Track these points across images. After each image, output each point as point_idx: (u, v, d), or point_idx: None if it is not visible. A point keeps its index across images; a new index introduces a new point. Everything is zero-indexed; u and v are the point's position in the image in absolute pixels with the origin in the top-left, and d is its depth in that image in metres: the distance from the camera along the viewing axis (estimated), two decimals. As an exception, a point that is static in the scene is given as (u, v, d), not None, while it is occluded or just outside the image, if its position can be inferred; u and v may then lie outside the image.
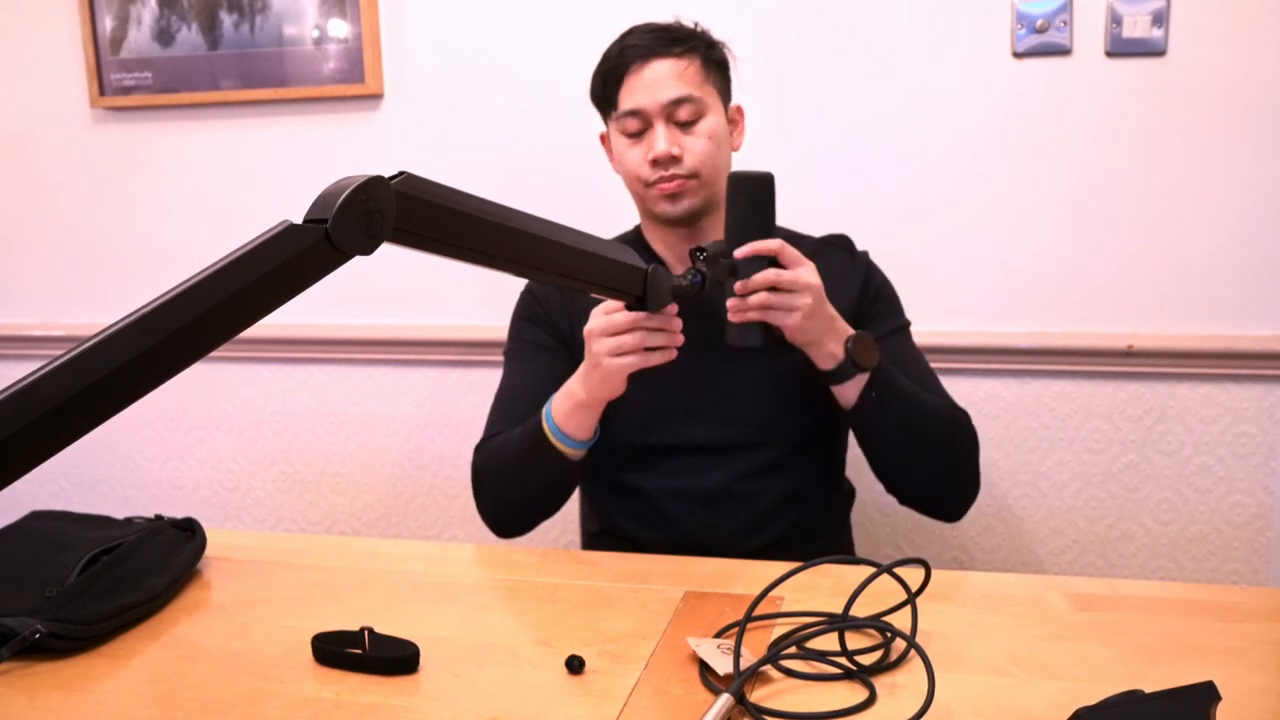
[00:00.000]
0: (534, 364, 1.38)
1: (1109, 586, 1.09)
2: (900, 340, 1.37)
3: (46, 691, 0.91)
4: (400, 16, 1.84)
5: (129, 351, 0.58)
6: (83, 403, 0.56)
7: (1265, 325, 1.63)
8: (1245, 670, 0.89)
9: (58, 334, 2.08)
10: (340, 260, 0.68)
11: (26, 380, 0.55)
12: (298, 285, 0.66)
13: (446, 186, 0.77)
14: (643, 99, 1.29)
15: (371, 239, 0.69)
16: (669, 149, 1.27)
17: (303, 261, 0.66)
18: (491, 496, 1.33)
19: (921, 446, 1.27)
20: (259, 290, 0.64)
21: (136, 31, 1.92)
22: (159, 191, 2.00)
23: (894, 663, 0.90)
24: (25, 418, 0.54)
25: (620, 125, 1.32)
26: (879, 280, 1.40)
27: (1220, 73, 1.58)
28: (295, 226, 0.66)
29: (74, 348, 0.57)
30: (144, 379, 0.59)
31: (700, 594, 1.07)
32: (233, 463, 2.06)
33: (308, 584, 1.14)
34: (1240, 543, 1.69)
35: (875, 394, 1.22)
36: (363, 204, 0.68)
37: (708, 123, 1.30)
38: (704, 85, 1.30)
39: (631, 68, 1.29)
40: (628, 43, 1.32)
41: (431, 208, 0.75)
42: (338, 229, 0.66)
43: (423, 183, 0.75)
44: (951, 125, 1.68)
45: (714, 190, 1.31)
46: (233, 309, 0.63)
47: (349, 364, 1.97)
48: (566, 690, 0.88)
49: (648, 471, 1.34)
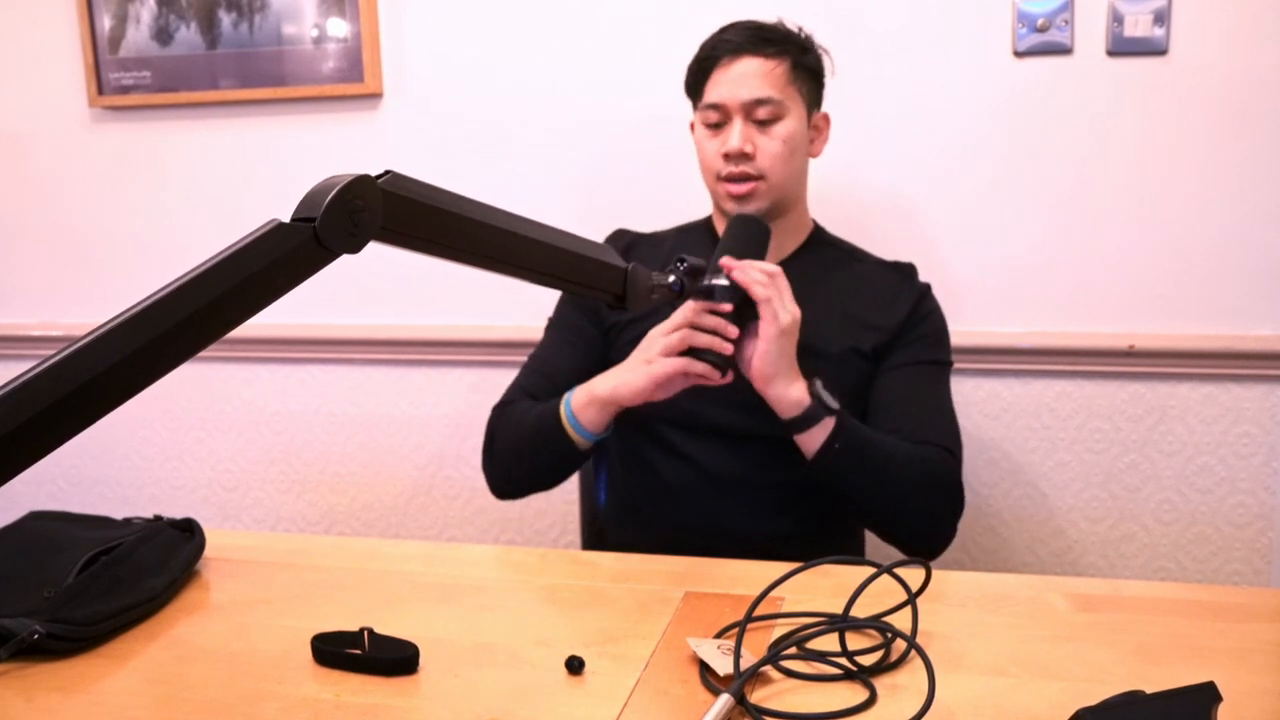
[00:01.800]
0: (571, 346, 1.42)
1: (1110, 587, 1.09)
2: (925, 372, 1.35)
3: (45, 692, 0.91)
4: (399, 16, 1.84)
5: (120, 351, 0.58)
6: (74, 402, 0.56)
7: (1266, 325, 1.63)
8: (1246, 671, 0.88)
9: (56, 334, 2.08)
10: (328, 258, 0.68)
11: (18, 380, 0.55)
12: (287, 283, 0.66)
13: (432, 186, 0.77)
14: (725, 93, 1.31)
15: (358, 237, 0.70)
16: (742, 145, 1.29)
17: (291, 260, 0.66)
18: (501, 462, 1.37)
19: (888, 495, 1.25)
20: (248, 288, 0.64)
21: (135, 30, 1.92)
22: (157, 191, 2.00)
23: (894, 663, 0.90)
24: (18, 418, 0.54)
25: (703, 116, 1.35)
26: (930, 310, 1.39)
27: (1221, 72, 1.58)
28: (283, 225, 0.66)
29: (65, 348, 0.57)
30: (135, 378, 0.59)
31: (700, 594, 1.06)
32: (232, 463, 2.06)
33: (307, 584, 1.13)
34: (1241, 543, 1.69)
35: (838, 445, 1.20)
36: (350, 203, 0.68)
37: (785, 126, 1.31)
38: (788, 88, 1.31)
39: (721, 61, 1.32)
40: (723, 36, 1.34)
41: (417, 206, 0.76)
42: (325, 227, 0.67)
43: (409, 182, 0.75)
44: (952, 124, 1.67)
45: (783, 195, 1.33)
46: (223, 307, 0.63)
47: (349, 364, 1.97)
48: (566, 690, 0.88)
49: (667, 451, 1.35)
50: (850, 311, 1.35)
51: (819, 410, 1.19)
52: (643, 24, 1.75)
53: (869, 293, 1.37)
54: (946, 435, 1.31)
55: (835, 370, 1.29)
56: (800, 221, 1.41)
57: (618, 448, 1.41)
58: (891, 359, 1.34)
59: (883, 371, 1.34)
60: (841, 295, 1.36)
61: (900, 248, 1.58)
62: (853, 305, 1.36)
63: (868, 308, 1.36)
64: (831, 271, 1.39)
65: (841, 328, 1.34)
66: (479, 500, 1.96)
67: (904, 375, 1.34)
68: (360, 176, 0.70)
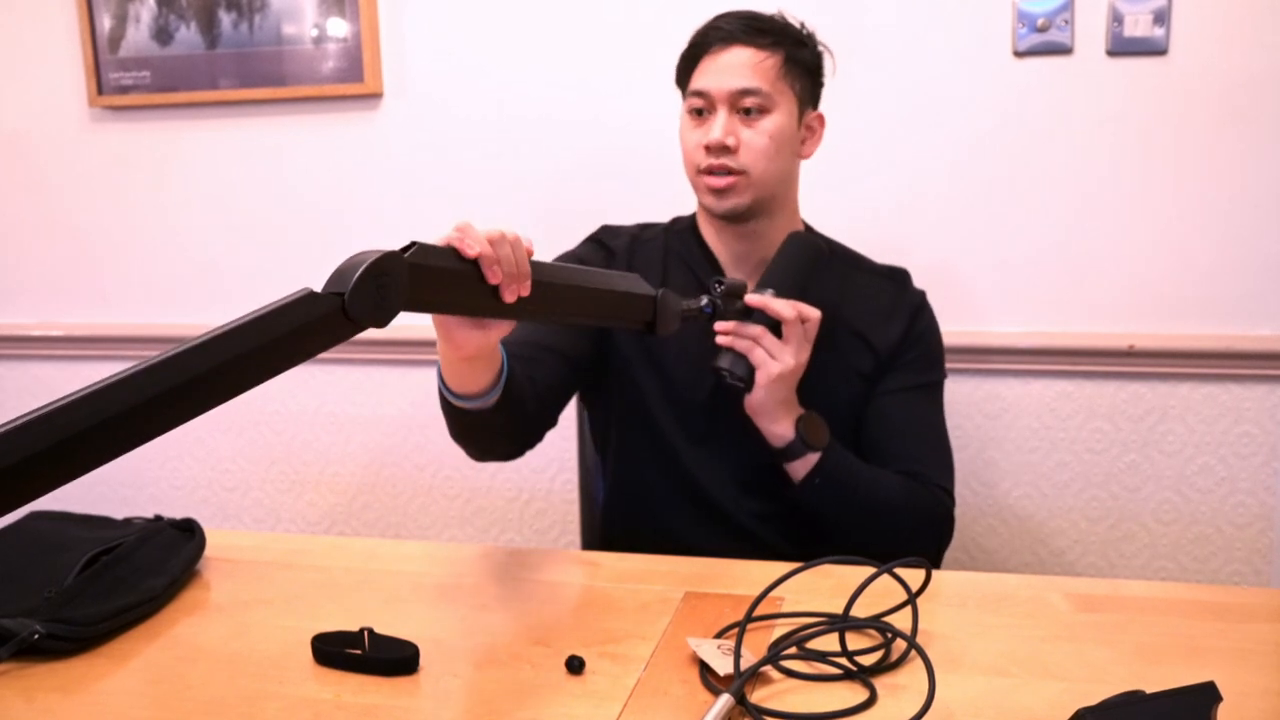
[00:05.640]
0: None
1: (1110, 587, 1.09)
2: (919, 397, 1.34)
3: (45, 692, 0.91)
4: (399, 16, 1.84)
5: (138, 396, 0.59)
6: (84, 442, 0.57)
7: (1266, 325, 1.63)
8: (1246, 671, 0.88)
9: (56, 334, 2.08)
10: (354, 331, 0.72)
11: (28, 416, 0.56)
12: (310, 351, 0.69)
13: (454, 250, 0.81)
14: (711, 82, 1.26)
15: (386, 310, 0.74)
16: (724, 137, 1.24)
17: (318, 329, 0.69)
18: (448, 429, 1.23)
19: (872, 529, 1.25)
20: (272, 351, 0.66)
21: (135, 30, 1.92)
22: (157, 191, 2.00)
23: (894, 663, 0.90)
24: (37, 446, 0.55)
25: (688, 104, 1.30)
26: (924, 327, 1.36)
27: (1221, 72, 1.58)
28: (314, 294, 0.69)
29: (85, 389, 0.58)
30: (149, 425, 0.60)
31: (700, 594, 1.06)
32: (232, 463, 2.06)
33: (307, 584, 1.13)
34: (1242, 543, 1.69)
35: (819, 480, 1.22)
36: (377, 278, 0.72)
37: (772, 121, 1.25)
38: (778, 82, 1.26)
39: (711, 49, 1.27)
40: (716, 24, 1.29)
41: (444, 274, 0.80)
42: (354, 302, 0.70)
43: (434, 251, 0.79)
44: (952, 124, 1.67)
45: (766, 193, 1.27)
46: (245, 366, 0.65)
47: (349, 364, 1.97)
48: (566, 690, 0.88)
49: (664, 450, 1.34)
50: (847, 323, 1.32)
51: (799, 447, 1.22)
52: (643, 24, 1.75)
53: (862, 303, 1.34)
54: (940, 468, 1.31)
55: (830, 382, 1.29)
56: (789, 224, 1.34)
57: (615, 450, 1.39)
58: (885, 383, 1.33)
59: (877, 395, 1.33)
60: (839, 305, 1.32)
61: (899, 248, 1.58)
62: (849, 316, 1.33)
63: (865, 321, 1.33)
64: (827, 280, 1.33)
65: (838, 340, 1.31)
66: (479, 500, 1.96)
67: (898, 402, 1.32)
68: (388, 253, 0.74)
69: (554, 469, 1.92)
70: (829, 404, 1.27)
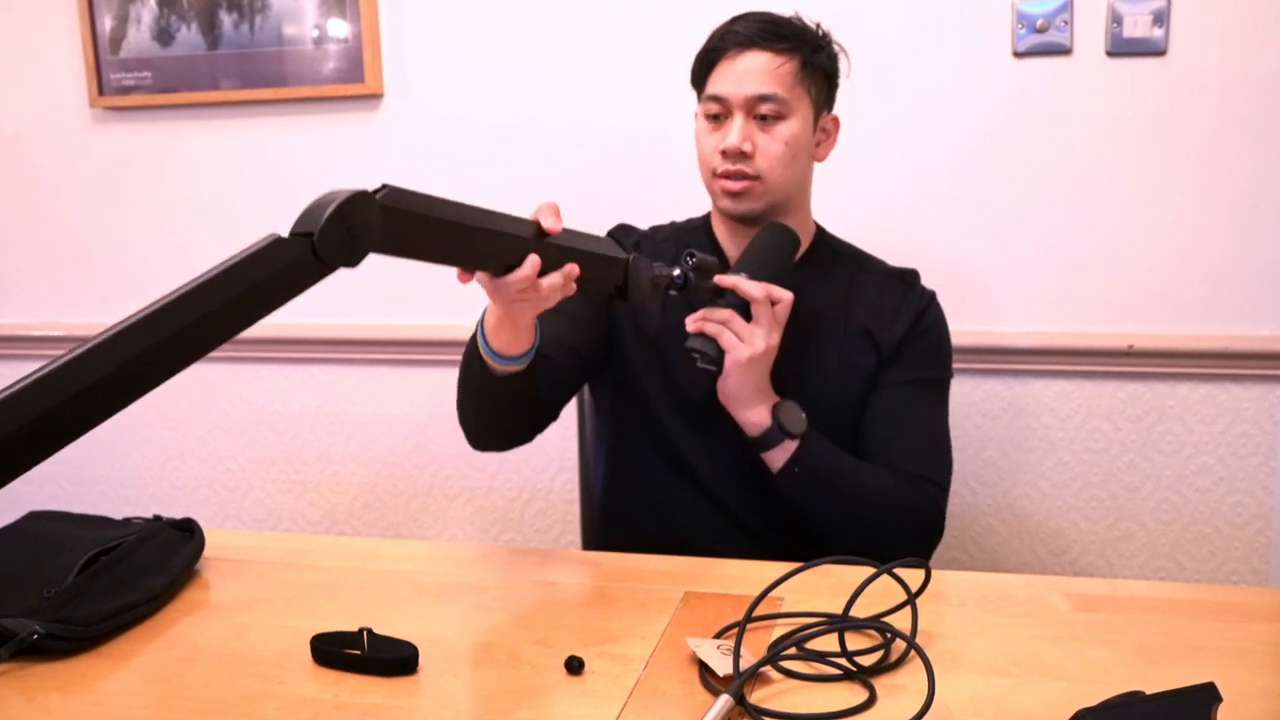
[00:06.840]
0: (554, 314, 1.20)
1: (1109, 587, 1.09)
2: (917, 392, 1.33)
3: (45, 692, 0.91)
4: (400, 16, 1.84)
5: (118, 358, 0.59)
6: (72, 408, 0.57)
7: (1265, 325, 1.63)
8: (1246, 671, 0.88)
9: (57, 334, 2.08)
10: (326, 272, 0.70)
11: (18, 385, 0.56)
12: (284, 296, 0.68)
13: (429, 196, 0.78)
14: (728, 87, 1.25)
15: (356, 251, 0.72)
16: (740, 143, 1.24)
17: (289, 273, 0.68)
18: (458, 407, 1.25)
19: (853, 522, 1.24)
20: (246, 300, 0.66)
21: (136, 31, 1.92)
22: (158, 191, 2.00)
23: (894, 663, 0.90)
24: (18, 421, 0.55)
25: (704, 108, 1.30)
26: (930, 324, 1.35)
27: (1221, 72, 1.58)
28: (282, 239, 0.68)
29: (63, 355, 0.58)
30: (133, 385, 0.60)
31: (700, 594, 1.06)
32: (232, 463, 2.06)
33: (307, 584, 1.14)
34: (1240, 543, 1.69)
35: (798, 469, 1.21)
36: (348, 217, 0.70)
37: (788, 126, 1.26)
38: (795, 88, 1.26)
39: (728, 53, 1.26)
40: (733, 27, 1.28)
41: (414, 218, 0.78)
42: (324, 242, 0.69)
43: (406, 194, 0.77)
44: (951, 125, 1.67)
45: (781, 198, 1.28)
46: (221, 318, 0.64)
47: (349, 364, 1.97)
48: (566, 690, 0.88)
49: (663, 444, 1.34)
50: (854, 322, 1.33)
51: (776, 434, 1.20)
52: (644, 24, 1.75)
53: (873, 304, 1.34)
54: (934, 464, 1.30)
55: (835, 381, 1.29)
56: (803, 227, 1.35)
57: (613, 438, 1.39)
58: (886, 376, 1.32)
59: (876, 389, 1.32)
60: (846, 305, 1.33)
61: (898, 248, 1.58)
62: (857, 315, 1.33)
63: (871, 319, 1.33)
64: (836, 279, 1.36)
65: (844, 339, 1.32)
66: (479, 500, 1.97)
67: (896, 396, 1.31)
68: (358, 192, 0.71)
69: (554, 469, 1.92)
70: (834, 404, 1.27)
